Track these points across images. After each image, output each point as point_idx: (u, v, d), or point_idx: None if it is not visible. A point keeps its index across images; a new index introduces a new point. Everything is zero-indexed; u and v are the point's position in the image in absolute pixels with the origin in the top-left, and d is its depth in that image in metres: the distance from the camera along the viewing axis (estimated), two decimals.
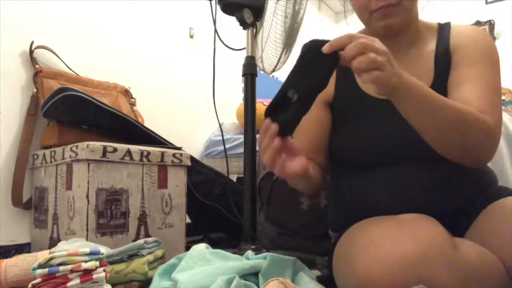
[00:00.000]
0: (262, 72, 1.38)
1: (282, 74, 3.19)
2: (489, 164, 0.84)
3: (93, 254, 0.76)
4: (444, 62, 0.83)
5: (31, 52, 1.50)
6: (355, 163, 0.86)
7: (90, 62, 1.73)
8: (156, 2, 2.08)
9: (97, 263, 0.76)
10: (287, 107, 0.62)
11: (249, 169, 1.24)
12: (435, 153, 0.79)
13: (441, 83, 0.81)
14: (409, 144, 0.80)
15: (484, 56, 0.80)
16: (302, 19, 1.29)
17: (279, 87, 0.63)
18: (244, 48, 1.34)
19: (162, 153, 1.39)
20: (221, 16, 1.34)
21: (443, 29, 0.88)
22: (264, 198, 1.43)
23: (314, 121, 0.92)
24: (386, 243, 0.61)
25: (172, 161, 1.43)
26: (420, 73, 0.83)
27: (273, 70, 1.37)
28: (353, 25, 1.02)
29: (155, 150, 1.37)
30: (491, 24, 3.17)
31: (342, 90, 0.91)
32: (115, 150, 1.25)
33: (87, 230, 1.17)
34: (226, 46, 1.36)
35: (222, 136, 1.49)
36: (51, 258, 0.73)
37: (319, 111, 0.93)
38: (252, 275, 0.83)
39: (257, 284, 0.79)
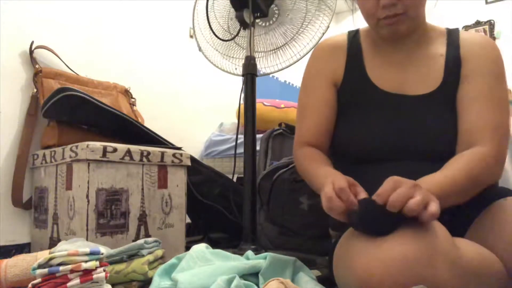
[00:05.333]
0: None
1: (282, 74, 3.18)
2: None
3: (93, 254, 0.76)
4: (454, 67, 0.85)
5: (31, 52, 1.49)
6: (357, 158, 0.86)
7: (90, 62, 1.73)
8: (156, 2, 2.08)
9: (97, 263, 0.76)
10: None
11: (249, 169, 1.24)
12: (437, 151, 0.80)
13: (448, 85, 0.84)
14: (411, 141, 0.81)
15: (493, 70, 0.82)
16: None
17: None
18: (233, 39, 1.36)
19: (162, 153, 1.39)
20: None
21: (452, 35, 0.89)
22: (264, 198, 1.43)
23: (322, 102, 0.92)
24: (386, 242, 0.61)
25: (172, 161, 1.43)
26: (429, 73, 0.86)
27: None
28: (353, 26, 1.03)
29: (155, 150, 1.37)
30: (491, 24, 3.16)
31: (351, 77, 0.91)
32: (115, 150, 1.25)
33: (87, 230, 1.17)
34: (218, 37, 1.36)
35: (242, 135, 1.43)
36: (51, 258, 0.73)
37: (327, 92, 0.93)
38: (252, 275, 0.83)
39: (257, 284, 0.79)
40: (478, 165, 0.75)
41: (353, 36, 0.96)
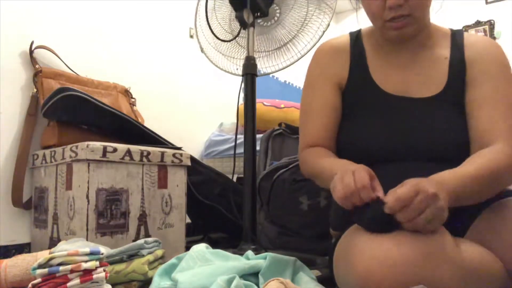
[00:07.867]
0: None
1: (282, 74, 3.17)
2: None
3: (93, 254, 0.76)
4: (458, 69, 0.86)
5: (31, 52, 1.49)
6: (361, 159, 0.86)
7: (90, 62, 1.73)
8: (156, 2, 2.08)
9: (97, 263, 0.76)
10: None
11: (249, 169, 1.24)
12: (439, 153, 0.80)
13: (452, 88, 0.85)
14: (414, 143, 0.81)
15: (501, 72, 0.83)
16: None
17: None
18: (233, 39, 1.36)
19: (162, 153, 1.39)
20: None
21: (456, 37, 0.90)
22: (264, 198, 1.43)
23: (327, 104, 0.92)
24: (387, 242, 0.61)
25: (172, 161, 1.43)
26: (434, 76, 0.86)
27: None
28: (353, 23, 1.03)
29: (155, 150, 1.37)
30: (491, 24, 3.16)
31: (355, 79, 0.91)
32: (115, 150, 1.25)
33: (87, 230, 1.17)
34: (218, 38, 1.36)
35: (242, 135, 1.42)
36: (51, 258, 0.73)
37: (331, 94, 0.92)
38: (252, 275, 0.83)
39: (257, 284, 0.79)
40: (500, 161, 0.73)
41: (356, 37, 0.96)
